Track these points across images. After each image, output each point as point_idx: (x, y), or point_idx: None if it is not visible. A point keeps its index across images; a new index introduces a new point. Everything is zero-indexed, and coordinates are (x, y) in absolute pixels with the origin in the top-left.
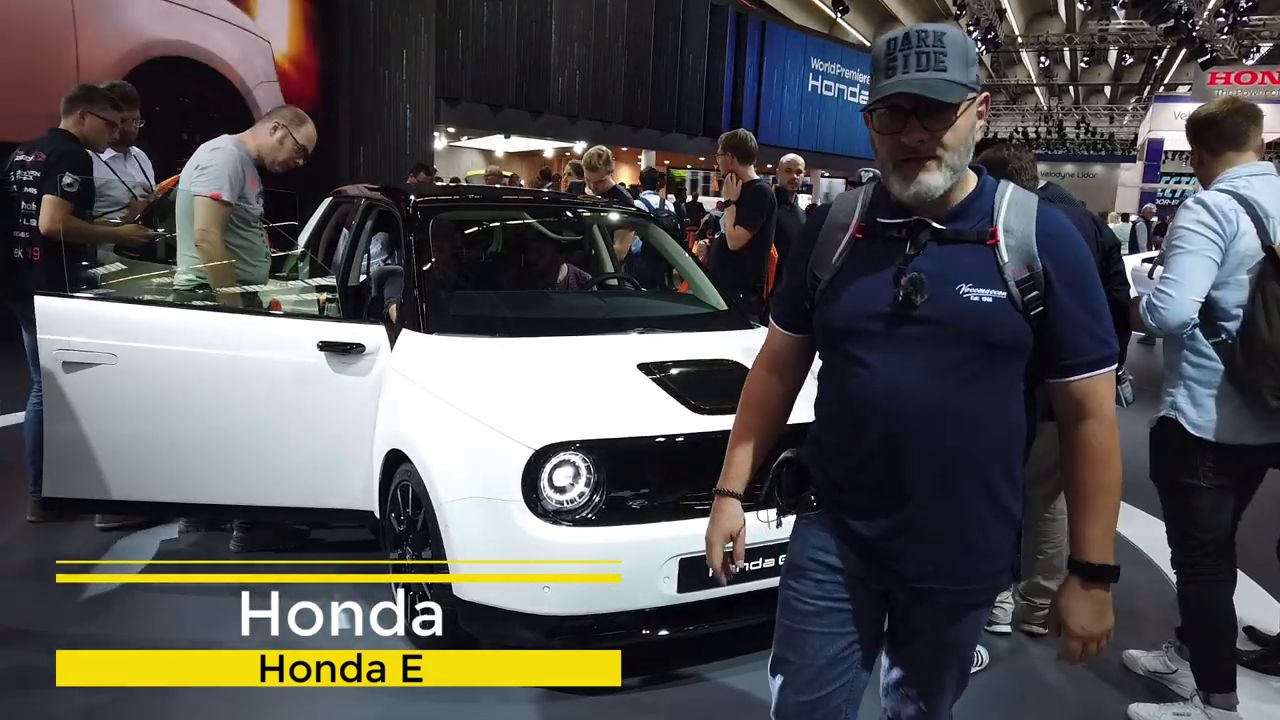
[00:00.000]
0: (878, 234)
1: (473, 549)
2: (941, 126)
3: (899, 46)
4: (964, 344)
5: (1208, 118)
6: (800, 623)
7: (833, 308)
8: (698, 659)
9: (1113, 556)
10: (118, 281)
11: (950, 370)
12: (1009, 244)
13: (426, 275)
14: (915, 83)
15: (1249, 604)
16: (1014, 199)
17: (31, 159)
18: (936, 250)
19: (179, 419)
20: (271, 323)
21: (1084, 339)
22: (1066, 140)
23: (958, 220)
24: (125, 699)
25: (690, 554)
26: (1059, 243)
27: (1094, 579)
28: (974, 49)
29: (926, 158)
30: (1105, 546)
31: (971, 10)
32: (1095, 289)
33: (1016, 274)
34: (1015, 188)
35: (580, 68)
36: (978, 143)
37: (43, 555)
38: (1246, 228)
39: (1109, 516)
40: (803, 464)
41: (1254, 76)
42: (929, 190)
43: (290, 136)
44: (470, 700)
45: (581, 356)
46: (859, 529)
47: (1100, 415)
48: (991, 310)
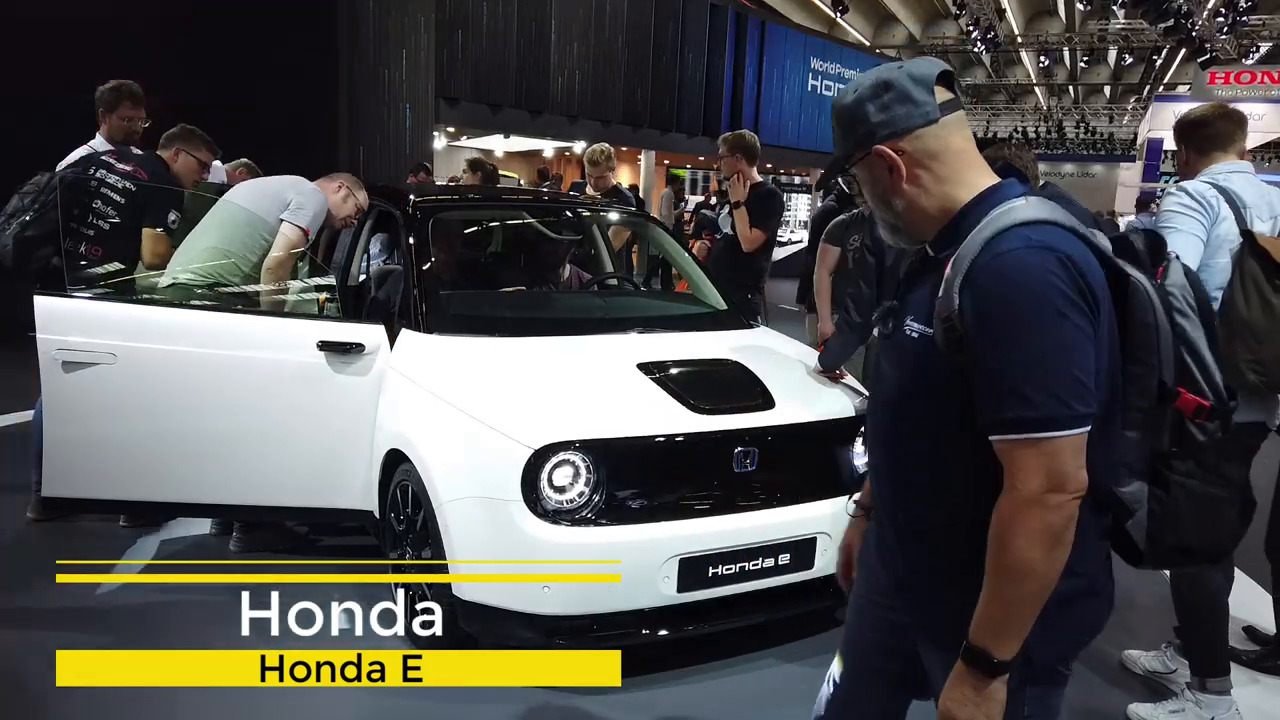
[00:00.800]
0: (913, 263)
1: (472, 549)
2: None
3: None
4: (896, 377)
5: (1199, 119)
6: (851, 615)
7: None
8: (698, 659)
9: (1000, 649)
10: (117, 281)
11: (890, 403)
12: (948, 277)
13: (426, 275)
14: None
15: (1248, 604)
16: (990, 220)
17: (125, 168)
18: (921, 280)
19: (178, 419)
20: (271, 322)
21: (988, 395)
22: (1066, 140)
23: (946, 244)
24: (125, 699)
25: (690, 554)
26: (986, 278)
27: (970, 662)
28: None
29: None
30: (989, 632)
31: (971, 10)
32: (1018, 336)
33: (940, 311)
34: (1011, 208)
35: (580, 67)
36: (981, 143)
37: (43, 555)
38: (1226, 214)
39: (998, 604)
40: None
41: (1253, 76)
42: (892, 242)
43: (353, 196)
44: (470, 700)
45: (581, 356)
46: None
47: (1009, 488)
48: (915, 346)
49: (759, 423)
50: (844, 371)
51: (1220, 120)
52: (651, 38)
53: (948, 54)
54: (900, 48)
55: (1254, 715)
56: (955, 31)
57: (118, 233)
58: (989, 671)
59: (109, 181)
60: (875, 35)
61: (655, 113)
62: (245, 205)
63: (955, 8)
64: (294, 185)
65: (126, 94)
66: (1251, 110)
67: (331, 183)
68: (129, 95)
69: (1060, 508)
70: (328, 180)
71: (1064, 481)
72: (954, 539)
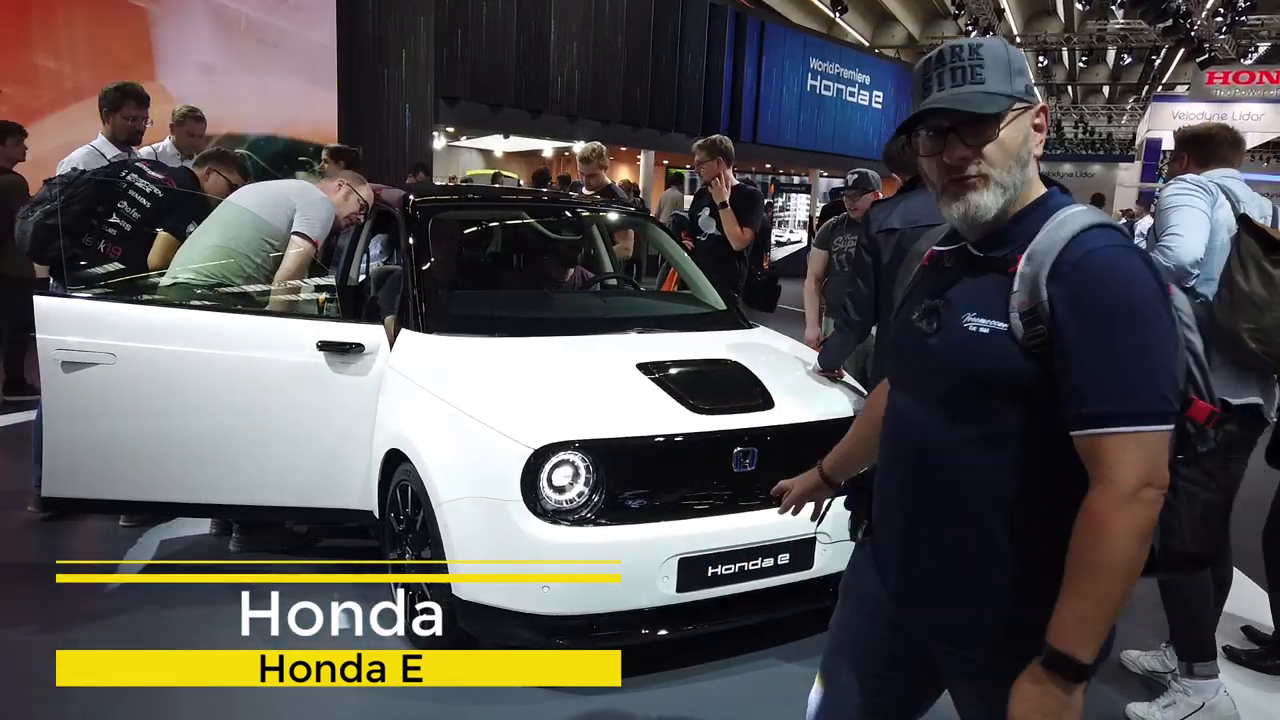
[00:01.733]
0: (935, 263)
1: (472, 549)
2: (983, 141)
3: (934, 65)
4: (954, 377)
5: (1207, 133)
6: (837, 646)
7: (891, 336)
8: (698, 659)
9: (1087, 651)
10: (117, 281)
11: (941, 404)
12: (1024, 271)
13: (425, 275)
14: (948, 98)
15: (1247, 603)
16: (1063, 220)
17: (157, 176)
18: (968, 279)
19: (178, 419)
20: (271, 322)
21: (1089, 386)
22: (1065, 140)
23: (998, 246)
24: (125, 699)
25: (689, 554)
26: (1080, 271)
27: (1050, 668)
28: (1020, 58)
29: (972, 176)
30: (1077, 636)
31: (970, 10)
32: (1124, 329)
33: (1021, 305)
34: (1078, 211)
35: (579, 67)
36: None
37: (43, 555)
38: (1224, 201)
39: (1091, 604)
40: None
41: (1252, 76)
42: (979, 210)
43: (355, 193)
44: (470, 700)
45: (581, 356)
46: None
47: (1105, 483)
48: (984, 342)
49: (758, 423)
50: (843, 371)
51: (1225, 137)
52: (651, 38)
53: None
54: (899, 48)
55: (1253, 715)
56: (954, 31)
57: (139, 235)
58: (1075, 677)
59: (138, 185)
60: (874, 35)
61: (655, 112)
62: (250, 208)
63: (954, 8)
64: (300, 192)
65: (131, 94)
66: (1250, 110)
67: (332, 182)
68: (133, 95)
69: (1155, 503)
70: (328, 180)
71: (1158, 476)
72: (1014, 550)
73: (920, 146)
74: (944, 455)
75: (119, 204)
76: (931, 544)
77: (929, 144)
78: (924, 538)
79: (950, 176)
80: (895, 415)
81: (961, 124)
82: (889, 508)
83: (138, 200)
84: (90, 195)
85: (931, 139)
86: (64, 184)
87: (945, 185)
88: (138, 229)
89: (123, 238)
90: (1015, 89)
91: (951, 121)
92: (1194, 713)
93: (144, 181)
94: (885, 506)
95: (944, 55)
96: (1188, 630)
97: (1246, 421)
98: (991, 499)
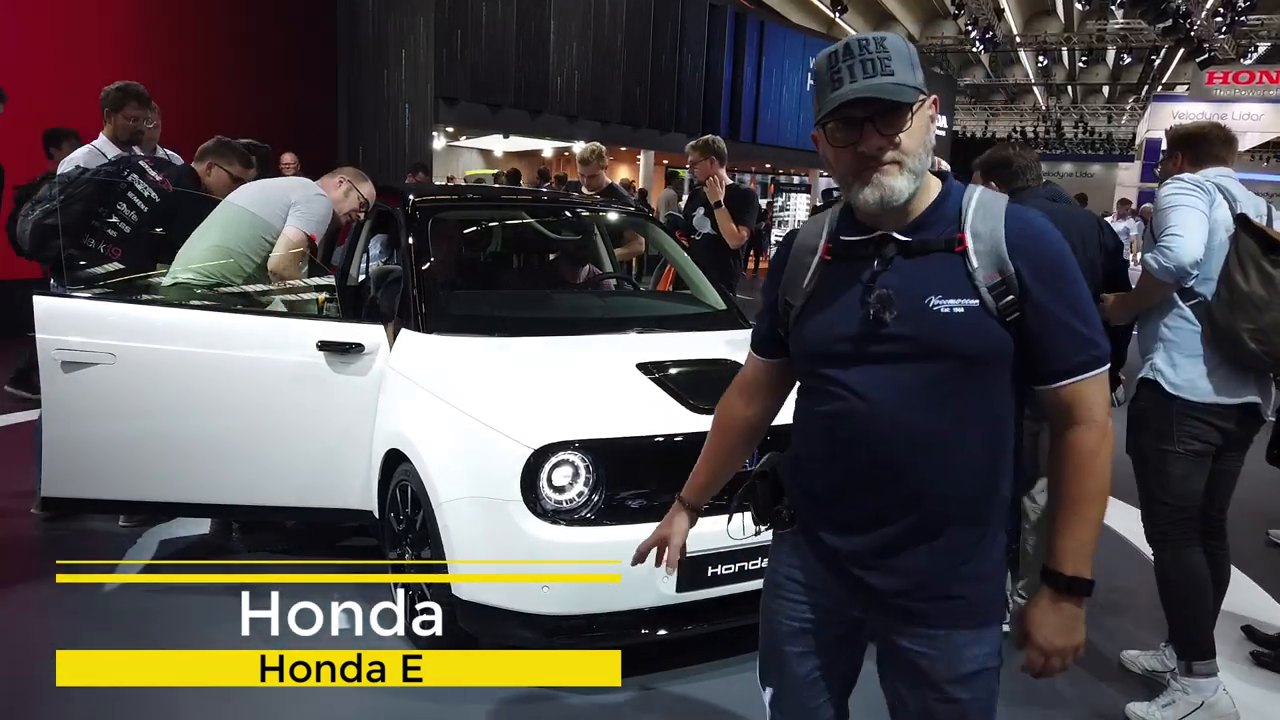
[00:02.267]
0: (845, 254)
1: (472, 549)
2: (897, 130)
3: (842, 58)
4: (938, 359)
5: (1200, 131)
6: (779, 641)
7: (805, 332)
8: (698, 659)
9: (1089, 569)
10: (116, 281)
11: (926, 387)
12: (978, 249)
13: (425, 275)
14: (867, 88)
15: (1247, 604)
16: (981, 201)
17: (156, 177)
18: (904, 264)
19: (177, 418)
20: (271, 322)
21: (1068, 341)
22: (1065, 140)
23: (923, 230)
24: (125, 699)
25: (689, 553)
26: (1030, 241)
27: (1066, 592)
28: (915, 52)
29: (888, 162)
30: (1082, 558)
31: (970, 10)
32: (1076, 285)
33: (988, 279)
34: (983, 190)
35: (579, 67)
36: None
37: (43, 555)
38: (1221, 200)
39: (1090, 528)
40: (778, 479)
41: (1252, 76)
42: (893, 193)
43: (355, 190)
44: (470, 700)
45: (580, 356)
46: (836, 544)
47: (1090, 420)
48: (964, 321)
49: None
50: None
51: (1221, 134)
52: (650, 37)
53: (946, 54)
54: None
55: (1253, 715)
56: (954, 31)
57: (138, 237)
58: (1084, 593)
59: (137, 187)
60: None
61: (654, 112)
62: (248, 207)
63: (954, 7)
64: (298, 188)
65: (132, 94)
66: (1249, 110)
67: (333, 179)
68: (134, 96)
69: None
70: (329, 177)
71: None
72: (990, 506)
73: (830, 137)
74: (922, 436)
75: (118, 205)
76: (914, 518)
77: (841, 134)
78: (903, 513)
79: (863, 165)
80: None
81: (877, 114)
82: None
83: (135, 203)
84: (91, 195)
85: (844, 130)
86: (64, 183)
87: (858, 172)
88: (136, 231)
89: (122, 239)
90: (918, 81)
91: (866, 112)
92: (1193, 711)
93: (143, 184)
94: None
95: (851, 48)
96: (1186, 629)
97: (1245, 420)
98: (976, 468)
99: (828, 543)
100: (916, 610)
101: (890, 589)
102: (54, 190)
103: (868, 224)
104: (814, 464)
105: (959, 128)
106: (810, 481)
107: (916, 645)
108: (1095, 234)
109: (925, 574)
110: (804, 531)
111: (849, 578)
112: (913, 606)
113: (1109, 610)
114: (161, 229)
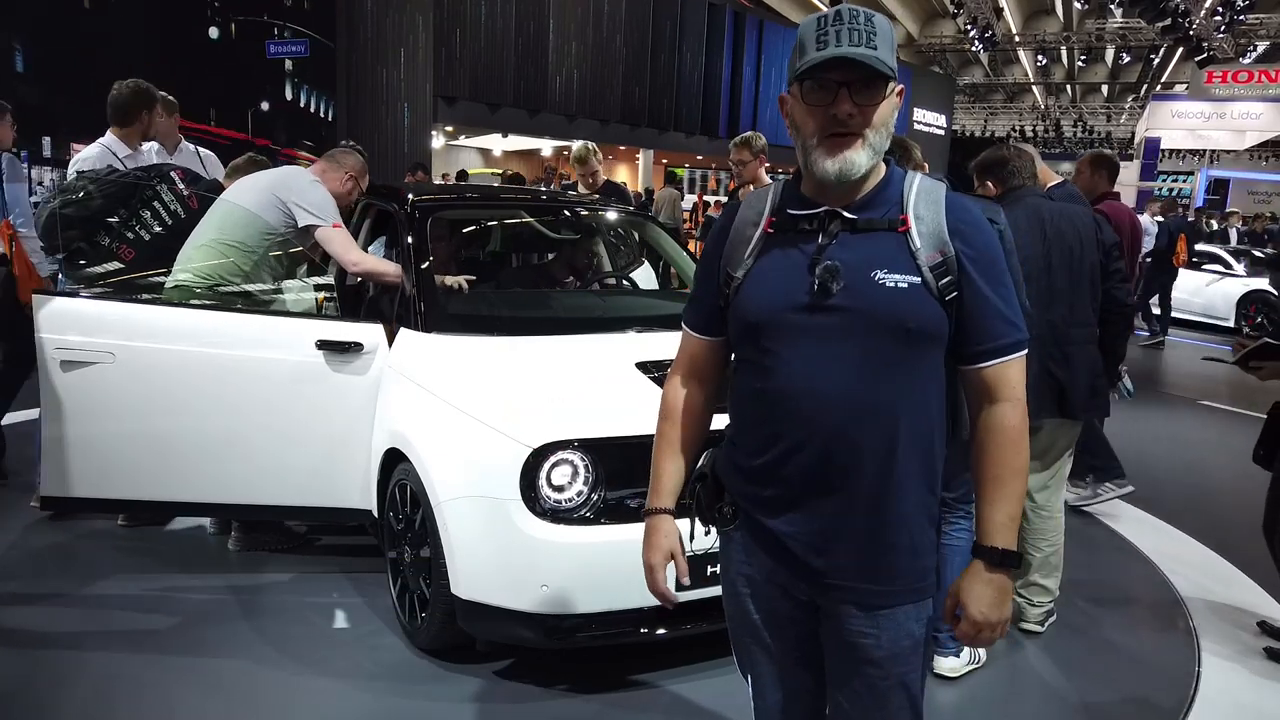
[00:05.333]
0: (789, 227)
1: (471, 548)
2: (872, 102)
3: (831, 23)
4: (882, 332)
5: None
6: (745, 635)
7: (748, 303)
8: (698, 659)
9: (1015, 543)
10: (116, 281)
11: (867, 360)
12: (921, 230)
13: (425, 274)
14: (853, 52)
15: (1255, 599)
16: (922, 187)
17: (184, 192)
18: (850, 239)
19: (177, 418)
20: (270, 321)
21: (998, 324)
22: (1064, 139)
23: (868, 209)
24: (126, 699)
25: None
26: (969, 228)
27: (997, 565)
28: (895, 39)
29: (853, 134)
30: (1010, 532)
31: (969, 9)
32: (1004, 274)
33: (930, 259)
34: (923, 177)
35: (578, 67)
36: (978, 142)
37: (42, 555)
38: None
39: (1016, 502)
40: (716, 476)
41: (1250, 75)
42: (852, 167)
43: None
44: (471, 700)
45: (580, 355)
46: (776, 527)
47: (1014, 399)
48: (908, 296)
49: None
50: None
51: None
52: (649, 37)
53: (946, 53)
54: (898, 47)
55: (1253, 715)
56: (953, 30)
57: (156, 244)
58: (1014, 565)
59: (164, 198)
60: None
61: (653, 111)
62: (240, 203)
63: (953, 6)
64: (282, 183)
65: (143, 101)
66: (1249, 109)
67: (319, 164)
68: (145, 103)
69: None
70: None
71: None
72: (925, 479)
73: (805, 95)
74: (865, 408)
75: (141, 211)
76: (855, 492)
77: (816, 94)
78: (845, 487)
79: (832, 130)
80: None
81: (855, 81)
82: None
83: (160, 213)
84: (116, 194)
85: (819, 90)
86: (94, 178)
87: (823, 139)
88: (154, 241)
89: (138, 244)
90: (893, 65)
91: (845, 77)
92: None
93: (170, 195)
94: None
95: (842, 14)
96: None
97: None
98: (914, 443)
99: (770, 528)
100: (856, 588)
101: (830, 568)
102: (80, 182)
103: (814, 199)
104: (754, 444)
105: (958, 127)
106: (748, 460)
107: (855, 624)
108: (1093, 234)
109: (863, 549)
110: (747, 525)
111: (794, 561)
112: (852, 585)
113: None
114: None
